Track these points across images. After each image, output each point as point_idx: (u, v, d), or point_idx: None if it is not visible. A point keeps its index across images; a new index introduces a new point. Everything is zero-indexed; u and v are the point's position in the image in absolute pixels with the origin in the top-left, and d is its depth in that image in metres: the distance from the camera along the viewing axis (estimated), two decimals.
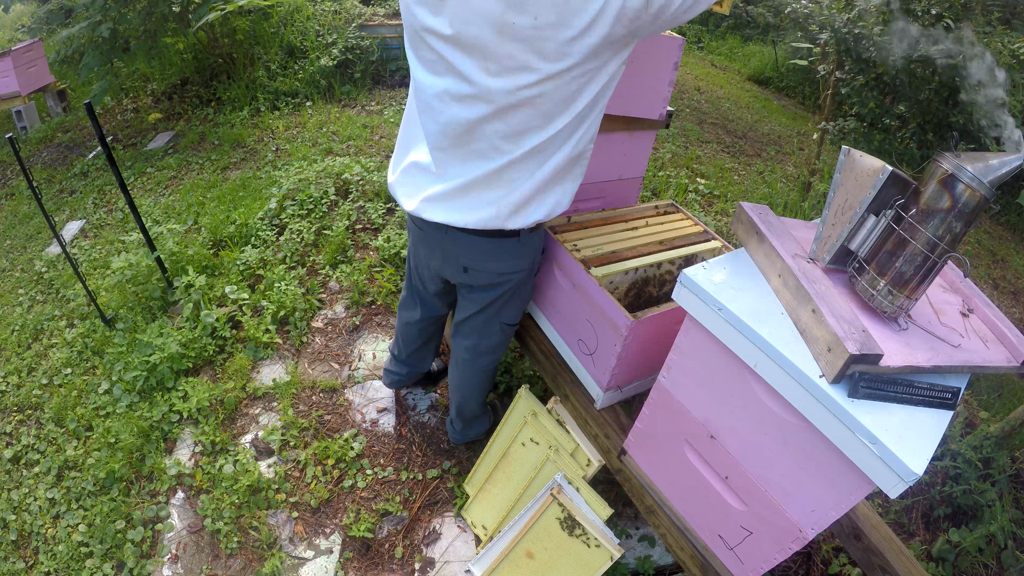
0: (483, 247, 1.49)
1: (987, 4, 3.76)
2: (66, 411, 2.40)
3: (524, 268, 1.58)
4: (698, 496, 1.39)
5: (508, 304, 1.68)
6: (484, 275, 1.57)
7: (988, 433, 2.15)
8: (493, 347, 1.80)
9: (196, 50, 4.90)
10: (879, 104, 3.77)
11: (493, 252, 1.51)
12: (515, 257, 1.53)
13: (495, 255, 1.51)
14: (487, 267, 1.54)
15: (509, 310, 1.70)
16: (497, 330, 1.74)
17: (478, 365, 1.84)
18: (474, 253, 1.51)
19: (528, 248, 1.54)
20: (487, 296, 1.63)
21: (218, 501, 2.02)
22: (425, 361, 2.17)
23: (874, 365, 0.99)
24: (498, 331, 1.75)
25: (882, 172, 1.07)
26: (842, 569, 1.88)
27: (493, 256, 1.52)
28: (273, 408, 2.32)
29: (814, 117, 5.15)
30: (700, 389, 1.29)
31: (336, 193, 3.26)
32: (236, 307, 2.65)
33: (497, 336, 1.76)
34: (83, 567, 1.96)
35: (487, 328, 1.73)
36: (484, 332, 1.74)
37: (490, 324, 1.72)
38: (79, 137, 4.82)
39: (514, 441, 1.84)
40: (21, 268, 3.45)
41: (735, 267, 1.24)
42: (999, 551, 1.95)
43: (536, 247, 1.58)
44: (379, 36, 4.97)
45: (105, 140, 2.40)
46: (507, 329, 1.77)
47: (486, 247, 1.49)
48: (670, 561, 1.91)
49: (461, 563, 1.91)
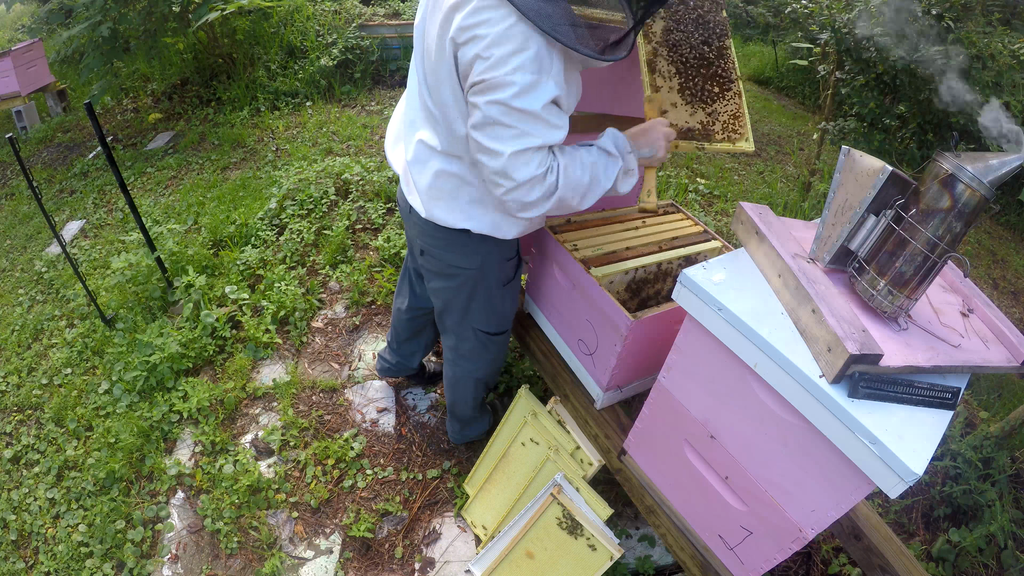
0: (435, 233, 1.52)
1: (987, 4, 3.76)
2: (66, 411, 2.40)
3: (473, 267, 1.56)
4: (698, 496, 1.39)
5: (472, 305, 1.66)
6: (436, 262, 1.60)
7: (988, 433, 2.15)
8: (470, 353, 1.79)
9: (196, 50, 4.90)
10: (879, 104, 3.77)
11: (442, 240, 1.53)
12: (463, 253, 1.54)
13: (443, 244, 1.54)
14: (437, 254, 1.58)
15: (477, 313, 1.68)
16: (471, 334, 1.74)
17: (460, 369, 1.86)
18: (427, 237, 1.56)
19: (477, 250, 1.52)
20: (445, 287, 1.64)
21: (218, 501, 2.02)
22: (414, 357, 2.20)
23: (874, 365, 0.99)
24: (471, 336, 1.74)
25: (882, 172, 1.07)
26: (842, 569, 1.88)
27: (440, 245, 1.55)
28: (273, 408, 2.32)
29: (814, 117, 5.15)
30: (700, 389, 1.28)
31: (336, 193, 3.26)
32: (236, 307, 2.65)
33: (471, 341, 1.75)
34: (83, 567, 1.96)
35: (461, 330, 1.74)
36: (459, 334, 1.76)
37: (462, 325, 1.72)
38: (79, 137, 4.82)
39: (514, 441, 1.84)
40: (21, 268, 3.45)
41: (735, 267, 1.24)
42: (999, 551, 1.95)
43: (487, 253, 1.54)
44: (379, 36, 4.97)
45: (105, 140, 2.40)
46: (481, 336, 1.74)
47: (438, 234, 1.52)
48: (670, 561, 1.91)
49: (461, 563, 1.91)
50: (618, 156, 1.35)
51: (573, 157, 1.28)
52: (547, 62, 1.15)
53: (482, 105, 1.18)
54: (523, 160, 1.20)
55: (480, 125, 1.20)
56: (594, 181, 1.31)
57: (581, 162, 1.29)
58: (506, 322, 1.77)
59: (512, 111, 1.16)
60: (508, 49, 1.13)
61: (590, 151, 1.32)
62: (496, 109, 1.17)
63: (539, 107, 1.16)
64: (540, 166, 1.22)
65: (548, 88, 1.16)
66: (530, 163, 1.21)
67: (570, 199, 1.30)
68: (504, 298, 1.69)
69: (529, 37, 1.13)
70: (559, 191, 1.26)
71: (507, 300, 1.70)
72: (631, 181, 1.39)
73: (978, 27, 3.49)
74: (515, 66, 1.13)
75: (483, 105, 1.18)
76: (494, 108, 1.16)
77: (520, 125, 1.17)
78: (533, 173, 1.21)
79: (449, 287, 1.63)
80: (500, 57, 1.13)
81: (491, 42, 1.14)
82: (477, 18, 1.16)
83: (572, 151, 1.30)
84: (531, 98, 1.15)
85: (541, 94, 1.16)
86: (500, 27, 1.13)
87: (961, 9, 3.43)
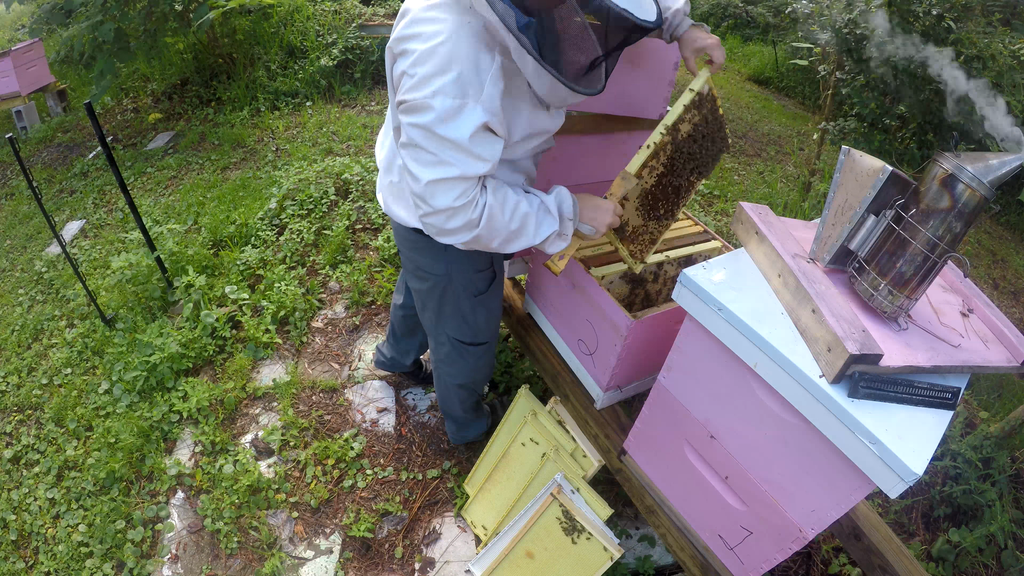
0: (402, 232, 1.53)
1: (987, 5, 3.75)
2: (66, 411, 2.40)
3: (439, 273, 1.54)
4: (698, 496, 1.39)
5: (444, 311, 1.65)
6: (407, 262, 1.61)
7: (988, 433, 2.15)
8: (446, 357, 1.78)
9: (196, 50, 4.90)
10: (879, 104, 3.77)
11: (409, 241, 1.53)
12: (429, 257, 1.53)
13: (410, 244, 1.54)
14: (407, 254, 1.59)
15: (449, 320, 1.67)
16: (445, 340, 1.73)
17: (440, 372, 1.87)
18: (398, 236, 1.57)
19: (441, 256, 1.51)
20: (419, 289, 1.64)
21: (218, 501, 2.02)
22: (408, 355, 2.22)
23: (874, 365, 0.99)
24: (446, 341, 1.73)
25: (882, 172, 1.07)
26: (842, 569, 1.88)
27: (408, 245, 1.55)
28: (273, 408, 2.32)
29: (814, 117, 5.15)
30: (700, 389, 1.28)
31: (336, 193, 3.26)
32: (236, 307, 2.65)
33: (446, 346, 1.74)
34: (83, 567, 1.96)
35: (436, 334, 1.74)
36: (435, 337, 1.76)
37: (437, 330, 1.72)
38: (79, 137, 4.82)
39: (514, 441, 1.84)
40: (21, 268, 3.45)
41: (735, 267, 1.24)
42: (999, 551, 1.95)
43: (451, 261, 1.52)
44: (379, 36, 4.96)
45: (105, 140, 2.40)
46: (456, 344, 1.72)
47: (404, 233, 1.53)
48: (670, 561, 1.91)
49: (461, 563, 1.91)
50: (556, 219, 1.30)
51: (506, 201, 1.23)
52: (474, 86, 1.09)
53: (405, 126, 1.15)
54: (441, 189, 1.15)
55: (405, 144, 1.17)
56: (521, 231, 1.26)
57: (514, 208, 1.23)
58: (481, 334, 1.72)
59: (432, 137, 1.11)
60: (429, 69, 1.08)
61: (531, 201, 1.27)
62: (417, 133, 1.13)
63: (465, 136, 1.09)
64: (461, 198, 1.16)
65: (474, 114, 1.09)
66: (449, 193, 1.15)
67: (489, 240, 1.24)
68: (476, 310, 1.64)
69: (453, 59, 1.07)
70: (479, 229, 1.21)
71: (479, 312, 1.65)
72: (561, 245, 1.35)
73: (978, 27, 3.49)
74: (435, 89, 1.08)
75: (406, 126, 1.14)
76: (416, 131, 1.13)
77: (440, 153, 1.12)
78: (451, 204, 1.16)
79: (421, 289, 1.63)
80: (422, 77, 1.09)
81: (416, 59, 1.10)
82: (412, 30, 1.12)
83: (508, 194, 1.24)
84: (453, 126, 1.09)
85: (465, 121, 1.09)
86: (428, 44, 1.09)
87: (961, 9, 3.43)
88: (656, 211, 1.51)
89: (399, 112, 1.17)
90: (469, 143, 1.11)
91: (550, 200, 1.30)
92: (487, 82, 1.10)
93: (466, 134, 1.10)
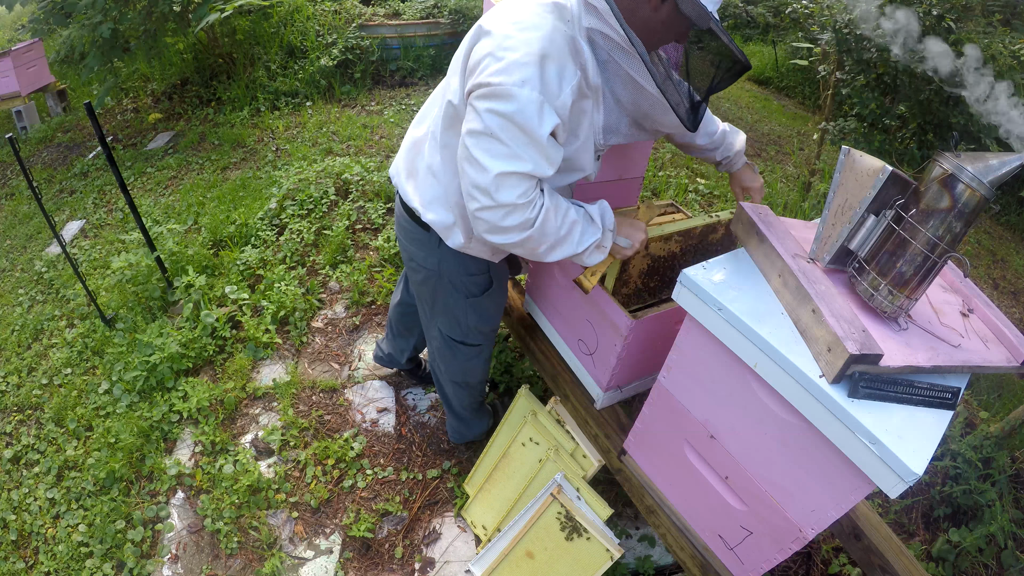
0: (405, 225, 1.54)
1: (987, 5, 3.75)
2: (66, 411, 2.40)
3: (431, 267, 1.54)
4: (698, 496, 1.39)
5: (436, 305, 1.65)
6: (403, 251, 1.62)
7: (988, 433, 2.15)
8: (438, 352, 1.79)
9: (196, 50, 4.90)
10: (879, 104, 3.77)
11: (408, 232, 1.54)
12: (422, 249, 1.53)
13: (407, 233, 1.54)
14: (403, 242, 1.59)
15: (441, 315, 1.67)
16: (437, 334, 1.73)
17: (434, 367, 1.88)
18: (400, 227, 1.57)
19: (434, 250, 1.51)
20: (414, 280, 1.65)
21: (218, 501, 2.02)
22: (403, 353, 2.23)
23: (874, 365, 0.99)
24: (438, 335, 1.73)
25: (882, 172, 1.07)
26: (842, 569, 1.88)
27: (405, 233, 1.55)
28: (273, 408, 2.32)
29: (814, 117, 5.15)
30: (700, 389, 1.28)
31: (336, 193, 3.26)
32: (236, 307, 2.65)
33: (438, 340, 1.75)
34: (83, 567, 1.96)
35: (429, 327, 1.75)
36: (428, 331, 1.77)
37: (429, 323, 1.73)
38: (79, 137, 4.82)
39: (514, 441, 1.84)
40: (21, 268, 3.45)
41: (735, 267, 1.24)
42: (999, 551, 1.95)
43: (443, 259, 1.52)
44: (379, 36, 4.97)
45: (105, 140, 2.40)
46: (447, 340, 1.72)
47: (406, 225, 1.53)
48: (670, 561, 1.91)
49: (461, 563, 1.91)
50: (600, 229, 1.30)
51: (559, 205, 1.22)
52: (555, 88, 1.09)
53: (482, 112, 1.11)
54: (509, 183, 1.12)
55: (476, 133, 1.13)
56: (568, 238, 1.25)
57: (565, 214, 1.23)
58: (472, 336, 1.71)
59: (511, 127, 1.09)
60: (522, 57, 1.07)
61: (577, 209, 1.28)
62: (496, 121, 1.09)
63: (545, 134, 1.08)
64: (524, 196, 1.14)
65: (552, 115, 1.10)
66: (516, 188, 1.13)
67: (538, 243, 1.22)
68: (467, 311, 1.63)
69: (548, 55, 1.08)
70: (533, 230, 1.19)
71: (471, 314, 1.64)
72: (598, 257, 1.35)
73: (978, 27, 3.49)
74: (524, 78, 1.06)
75: (484, 112, 1.10)
76: (494, 119, 1.09)
77: (514, 146, 1.10)
78: (514, 200, 1.13)
79: (415, 280, 1.64)
80: (512, 63, 1.07)
81: (509, 44, 1.09)
82: (512, 16, 1.14)
83: (560, 199, 1.23)
84: (537, 121, 1.08)
85: (546, 119, 1.08)
86: (527, 34, 1.09)
87: (961, 9, 3.43)
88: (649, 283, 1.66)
89: (474, 97, 1.13)
90: (547, 142, 1.11)
91: (594, 210, 1.31)
92: (566, 90, 1.11)
93: (546, 132, 1.09)
